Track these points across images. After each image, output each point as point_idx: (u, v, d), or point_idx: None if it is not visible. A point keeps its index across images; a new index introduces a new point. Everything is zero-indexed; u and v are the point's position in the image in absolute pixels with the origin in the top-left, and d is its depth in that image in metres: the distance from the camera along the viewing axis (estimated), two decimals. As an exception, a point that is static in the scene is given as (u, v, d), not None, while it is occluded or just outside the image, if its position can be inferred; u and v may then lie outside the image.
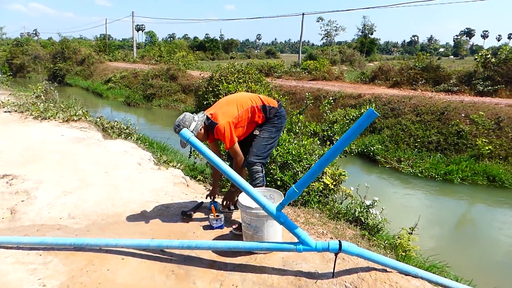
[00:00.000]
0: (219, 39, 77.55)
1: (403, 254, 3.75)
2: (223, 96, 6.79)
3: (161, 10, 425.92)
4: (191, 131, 2.79)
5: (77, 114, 7.48)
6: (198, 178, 5.07)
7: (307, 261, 2.60)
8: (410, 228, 3.95)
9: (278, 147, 4.67)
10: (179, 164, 5.52)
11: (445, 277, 2.68)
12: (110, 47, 43.28)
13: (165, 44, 43.52)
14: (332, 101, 8.84)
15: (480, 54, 14.59)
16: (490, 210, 7.70)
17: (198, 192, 4.21)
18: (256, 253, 2.67)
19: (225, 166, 2.44)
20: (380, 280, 2.36)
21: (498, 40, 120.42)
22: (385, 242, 3.95)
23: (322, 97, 14.08)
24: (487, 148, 9.12)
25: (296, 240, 2.45)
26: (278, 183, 4.45)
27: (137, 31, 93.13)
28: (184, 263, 2.59)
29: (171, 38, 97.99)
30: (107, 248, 2.70)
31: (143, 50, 43.83)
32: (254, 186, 3.12)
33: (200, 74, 18.29)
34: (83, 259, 2.59)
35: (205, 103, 14.06)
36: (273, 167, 4.47)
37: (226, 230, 3.10)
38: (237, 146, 3.04)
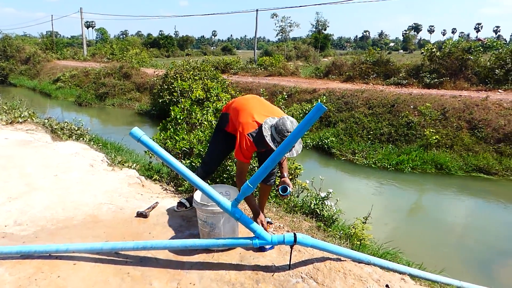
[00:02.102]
0: (173, 36, 76.01)
1: (358, 243, 3.87)
2: (178, 94, 6.70)
3: (112, 6, 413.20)
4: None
5: (22, 115, 7.07)
6: (154, 177, 4.96)
7: (264, 255, 2.62)
8: (364, 218, 4.09)
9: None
10: (134, 164, 5.38)
11: (398, 263, 2.80)
12: (58, 45, 41.37)
13: (117, 41, 42.16)
14: (286, 96, 8.95)
15: (426, 48, 15.23)
16: (438, 196, 8.13)
17: (154, 192, 4.13)
18: (214, 250, 2.66)
19: (179, 164, 2.40)
20: (335, 269, 2.43)
21: (443, 35, 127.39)
22: (341, 233, 4.07)
23: (278, 92, 14.20)
24: (434, 137, 9.61)
25: (252, 235, 2.47)
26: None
27: (87, 28, 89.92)
28: (140, 265, 2.53)
29: (124, 35, 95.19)
30: (57, 254, 2.58)
31: (94, 48, 42.08)
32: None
33: (154, 72, 17.94)
34: (31, 267, 2.46)
35: (160, 101, 13.84)
36: (230, 163, 4.46)
37: (186, 232, 3.06)
38: None
